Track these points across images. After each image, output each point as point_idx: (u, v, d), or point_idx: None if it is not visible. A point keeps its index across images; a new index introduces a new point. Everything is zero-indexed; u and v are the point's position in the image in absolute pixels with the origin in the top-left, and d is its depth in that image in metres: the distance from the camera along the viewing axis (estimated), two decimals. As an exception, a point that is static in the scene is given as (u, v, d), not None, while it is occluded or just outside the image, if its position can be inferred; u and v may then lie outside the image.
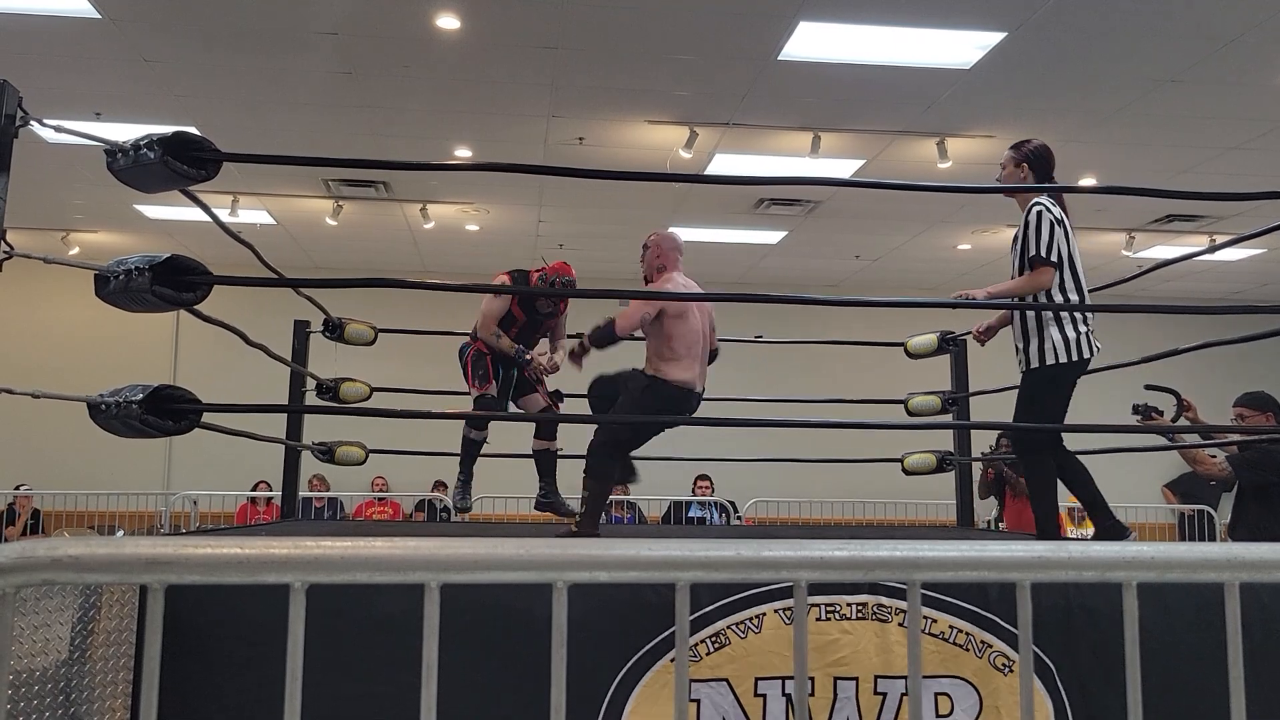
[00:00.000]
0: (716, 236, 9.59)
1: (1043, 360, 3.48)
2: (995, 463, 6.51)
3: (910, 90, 6.38)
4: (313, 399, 4.82)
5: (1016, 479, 6.32)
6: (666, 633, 2.65)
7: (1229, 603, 1.24)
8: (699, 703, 2.67)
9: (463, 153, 7.57)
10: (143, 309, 2.80)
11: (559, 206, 8.94)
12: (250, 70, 6.21)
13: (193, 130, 3.03)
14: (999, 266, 8.71)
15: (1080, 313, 3.50)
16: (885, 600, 2.80)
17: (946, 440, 5.42)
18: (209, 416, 2.92)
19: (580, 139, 7.28)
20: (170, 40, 5.85)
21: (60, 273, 3.44)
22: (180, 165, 2.75)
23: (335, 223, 9.09)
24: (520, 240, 9.95)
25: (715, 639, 2.71)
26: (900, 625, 2.79)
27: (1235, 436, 4.73)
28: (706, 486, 9.61)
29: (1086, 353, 3.47)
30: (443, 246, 10.20)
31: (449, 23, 5.59)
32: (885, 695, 2.76)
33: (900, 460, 4.93)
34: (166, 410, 2.73)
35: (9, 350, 10.43)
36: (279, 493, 5.64)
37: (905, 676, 2.73)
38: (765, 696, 2.69)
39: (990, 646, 2.81)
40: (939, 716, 2.76)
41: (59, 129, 2.87)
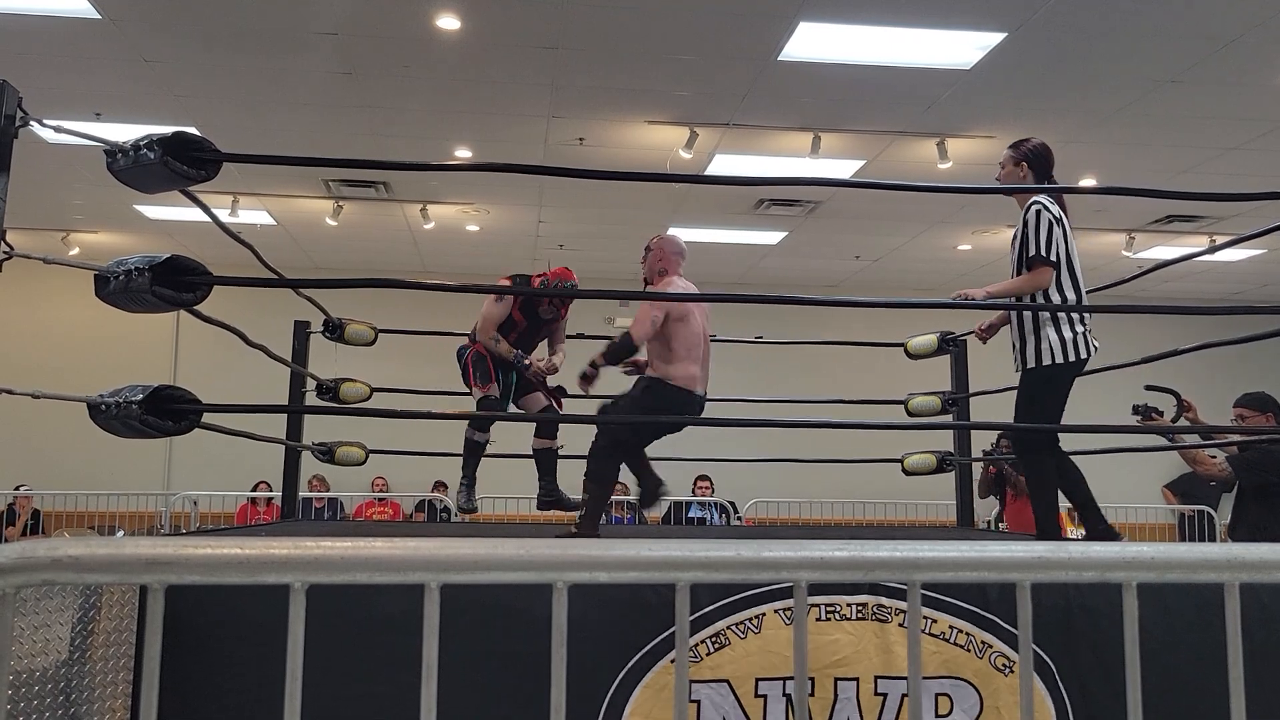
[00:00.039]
0: (716, 237, 9.59)
1: (1039, 360, 3.47)
2: (997, 461, 6.51)
3: (910, 91, 6.38)
4: (313, 399, 4.82)
5: (1017, 478, 6.31)
6: (666, 633, 2.65)
7: (1229, 603, 1.24)
8: (699, 703, 2.67)
9: (463, 153, 7.57)
10: (143, 309, 2.79)
11: (559, 207, 8.94)
12: (250, 70, 6.21)
13: (193, 130, 3.03)
14: (999, 267, 8.71)
15: (1078, 313, 3.50)
16: (885, 600, 2.80)
17: (946, 440, 5.41)
18: (209, 417, 2.92)
19: (580, 139, 7.28)
20: (170, 40, 5.85)
21: (60, 273, 3.43)
22: (180, 165, 2.75)
23: (335, 223, 9.08)
24: (520, 240, 9.95)
25: (715, 639, 2.71)
26: (900, 626, 2.79)
27: (1235, 437, 4.73)
28: (706, 487, 9.62)
29: (1084, 353, 3.47)
30: (443, 247, 10.19)
31: (449, 23, 5.59)
32: (886, 696, 2.75)
33: (900, 461, 4.93)
34: (166, 410, 2.73)
35: (9, 350, 10.43)
36: (279, 493, 5.64)
37: (905, 677, 2.72)
38: (766, 697, 2.69)
39: (990, 647, 2.80)
40: (939, 717, 2.75)
41: (59, 129, 2.86)
